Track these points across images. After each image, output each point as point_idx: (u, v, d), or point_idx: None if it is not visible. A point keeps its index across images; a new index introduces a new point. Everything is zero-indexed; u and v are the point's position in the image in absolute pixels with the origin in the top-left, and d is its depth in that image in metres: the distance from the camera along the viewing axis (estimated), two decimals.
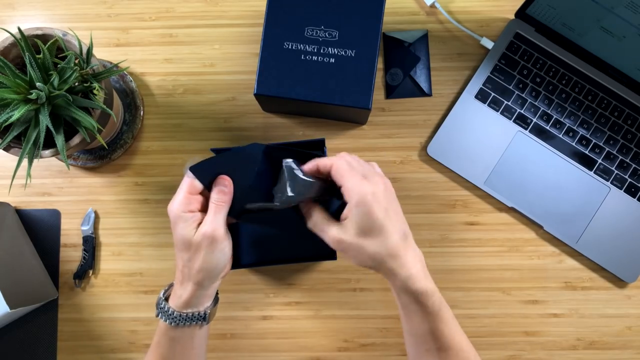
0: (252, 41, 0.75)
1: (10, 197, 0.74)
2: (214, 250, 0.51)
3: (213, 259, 0.52)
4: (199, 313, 0.53)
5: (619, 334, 0.72)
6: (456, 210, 0.73)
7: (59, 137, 0.57)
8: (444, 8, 0.75)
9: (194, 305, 0.53)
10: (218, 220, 0.52)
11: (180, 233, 0.52)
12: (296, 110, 0.73)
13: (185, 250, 0.52)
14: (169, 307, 0.53)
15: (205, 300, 0.54)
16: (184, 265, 0.52)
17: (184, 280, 0.53)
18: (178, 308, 0.53)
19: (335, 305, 0.72)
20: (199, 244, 0.51)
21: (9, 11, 0.77)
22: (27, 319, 0.72)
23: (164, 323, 0.54)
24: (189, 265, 0.52)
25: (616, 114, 0.72)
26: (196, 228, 0.52)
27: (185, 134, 0.75)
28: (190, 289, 0.52)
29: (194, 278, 0.52)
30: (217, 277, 0.53)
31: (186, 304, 0.53)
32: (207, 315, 0.54)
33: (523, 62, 0.73)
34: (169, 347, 0.54)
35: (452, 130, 0.73)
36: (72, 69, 0.56)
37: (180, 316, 0.53)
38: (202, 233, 0.51)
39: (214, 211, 0.52)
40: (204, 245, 0.51)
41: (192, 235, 0.51)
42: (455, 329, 0.53)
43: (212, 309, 0.55)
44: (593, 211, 0.71)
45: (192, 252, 0.52)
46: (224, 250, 0.53)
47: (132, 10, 0.76)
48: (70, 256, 0.73)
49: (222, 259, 0.53)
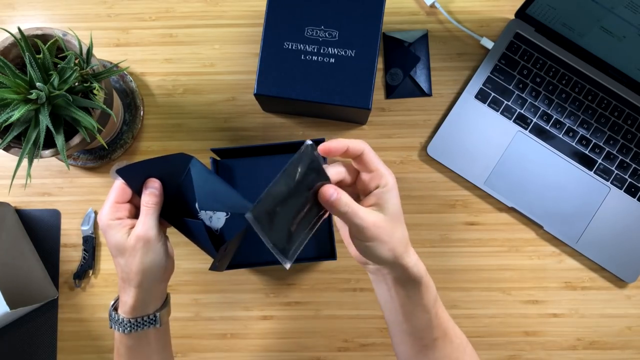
0: (252, 41, 0.75)
1: (10, 197, 0.74)
2: (148, 251, 0.52)
3: (148, 260, 0.52)
4: (148, 317, 0.53)
5: (619, 334, 0.72)
6: (456, 210, 0.73)
7: (59, 137, 0.57)
8: (444, 8, 0.75)
9: (141, 309, 0.53)
10: (149, 221, 0.52)
11: (113, 239, 0.52)
12: (296, 110, 0.73)
13: (120, 255, 0.52)
14: (118, 315, 0.53)
15: (152, 303, 0.54)
16: (122, 270, 0.53)
17: (125, 285, 0.53)
18: (127, 315, 0.53)
19: (335, 305, 0.72)
20: (133, 246, 0.52)
21: (9, 11, 0.77)
22: (27, 319, 0.72)
23: (118, 333, 0.54)
24: (127, 270, 0.52)
25: (616, 114, 0.72)
26: (128, 232, 0.52)
27: (185, 134, 0.75)
28: (132, 293, 0.52)
29: (133, 282, 0.52)
30: (157, 278, 0.53)
31: (133, 309, 0.53)
32: (157, 317, 0.54)
33: (523, 62, 0.73)
34: (128, 356, 0.54)
35: (452, 130, 0.73)
36: (72, 69, 0.56)
37: (130, 322, 0.53)
38: (135, 235, 0.52)
39: (144, 213, 0.53)
40: (138, 247, 0.51)
41: (125, 239, 0.52)
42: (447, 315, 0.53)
43: (163, 311, 0.55)
44: (593, 211, 0.71)
45: (128, 255, 0.52)
46: (159, 251, 0.53)
47: (132, 10, 0.77)
48: (70, 256, 0.73)
49: (157, 260, 0.53)
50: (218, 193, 0.57)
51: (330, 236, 0.66)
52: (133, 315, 0.53)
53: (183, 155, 0.56)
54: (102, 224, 0.53)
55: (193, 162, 0.57)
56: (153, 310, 0.54)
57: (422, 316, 0.52)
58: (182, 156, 0.56)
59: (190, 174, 0.57)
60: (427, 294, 0.51)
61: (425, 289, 0.51)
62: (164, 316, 0.55)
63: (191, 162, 0.57)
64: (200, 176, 0.57)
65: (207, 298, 0.73)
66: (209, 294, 0.73)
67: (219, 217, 0.59)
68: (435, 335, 0.52)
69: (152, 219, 0.53)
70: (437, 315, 0.52)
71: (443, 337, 0.52)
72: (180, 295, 0.73)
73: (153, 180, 0.55)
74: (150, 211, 0.53)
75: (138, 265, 0.52)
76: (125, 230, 0.52)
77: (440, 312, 0.52)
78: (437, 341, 0.52)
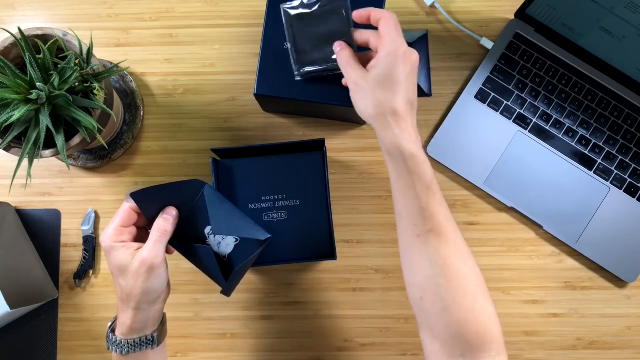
0: (252, 41, 0.75)
1: (10, 197, 0.74)
2: (150, 276, 0.52)
3: (149, 284, 0.53)
4: (146, 337, 0.54)
5: (619, 333, 0.72)
6: (456, 210, 0.73)
7: (59, 137, 0.57)
8: (444, 8, 0.75)
9: (139, 330, 0.54)
10: (157, 248, 0.53)
11: (116, 260, 0.53)
12: (296, 110, 0.73)
13: (122, 276, 0.53)
14: (116, 337, 0.54)
15: (150, 324, 0.54)
16: (122, 291, 0.53)
17: (124, 306, 0.54)
18: (124, 336, 0.54)
19: (335, 305, 0.72)
20: (137, 270, 0.52)
21: (9, 11, 0.77)
22: (27, 319, 0.72)
23: (115, 354, 0.54)
24: (127, 292, 0.53)
25: (616, 114, 0.72)
26: (132, 255, 0.53)
27: (185, 134, 0.75)
28: (130, 314, 0.53)
29: (132, 303, 0.53)
30: (155, 300, 0.54)
31: (131, 330, 0.53)
32: (154, 338, 0.54)
33: (523, 63, 0.73)
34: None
35: (452, 130, 0.73)
36: (73, 69, 0.56)
37: (128, 343, 0.53)
38: (141, 259, 0.52)
39: (155, 239, 0.54)
40: (142, 272, 0.52)
41: (128, 261, 0.53)
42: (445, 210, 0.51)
43: (161, 331, 0.56)
44: (593, 211, 0.71)
45: (129, 277, 0.53)
46: (161, 277, 0.54)
47: (132, 11, 0.77)
48: (71, 256, 0.73)
49: (157, 285, 0.53)
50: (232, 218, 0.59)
51: (330, 236, 0.66)
52: (131, 336, 0.53)
53: (197, 181, 0.58)
54: (105, 245, 0.54)
55: (207, 187, 0.58)
56: (150, 331, 0.55)
57: (411, 201, 0.51)
58: (196, 182, 0.58)
59: (204, 199, 0.58)
60: (415, 177, 0.50)
61: (412, 169, 0.50)
62: (161, 337, 0.56)
63: (205, 187, 0.58)
64: (214, 202, 0.59)
65: (207, 298, 0.73)
66: (209, 294, 0.73)
67: (227, 243, 0.60)
68: (427, 227, 0.50)
69: (160, 246, 0.54)
70: (429, 207, 0.50)
71: (437, 234, 0.50)
72: (180, 295, 0.73)
73: (171, 209, 0.57)
74: (161, 238, 0.54)
75: (139, 288, 0.52)
76: (129, 253, 0.53)
77: (434, 205, 0.50)
78: (430, 234, 0.50)
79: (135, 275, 0.52)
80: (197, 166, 0.74)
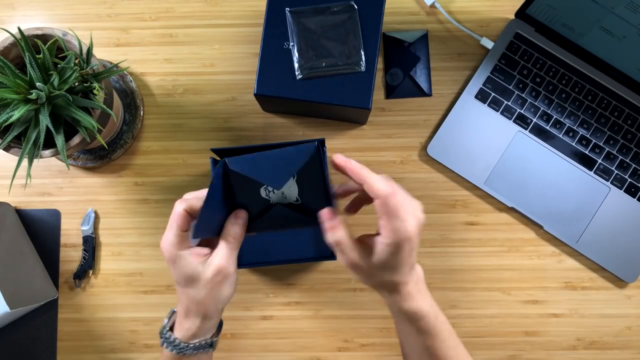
0: (252, 41, 0.75)
1: (10, 197, 0.74)
2: (224, 284, 0.50)
3: (223, 292, 0.50)
4: (205, 342, 0.52)
5: (619, 334, 0.72)
6: (456, 210, 0.73)
7: (59, 137, 0.57)
8: (444, 8, 0.75)
9: (201, 335, 0.52)
10: (232, 255, 0.50)
11: (185, 270, 0.49)
12: (296, 110, 0.73)
13: (191, 285, 0.50)
14: (174, 337, 0.52)
15: (211, 329, 0.53)
16: (191, 300, 0.51)
17: (190, 314, 0.51)
18: (185, 339, 0.52)
19: (335, 305, 0.72)
20: (211, 278, 0.49)
21: (9, 11, 0.77)
22: (27, 319, 0.72)
23: (169, 352, 0.52)
24: (196, 301, 0.50)
25: (616, 114, 0.72)
26: (202, 263, 0.49)
27: (185, 134, 0.75)
28: (198, 322, 0.51)
29: (202, 312, 0.51)
30: (223, 308, 0.53)
31: (194, 335, 0.52)
32: (213, 342, 0.53)
33: (523, 62, 0.73)
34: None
35: (452, 130, 0.73)
36: (72, 69, 0.56)
37: (187, 347, 0.51)
38: (216, 267, 0.49)
39: (228, 245, 0.50)
40: (217, 280, 0.49)
41: (200, 270, 0.49)
42: (451, 344, 0.51)
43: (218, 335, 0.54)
44: (593, 211, 0.71)
45: (201, 286, 0.49)
46: (234, 284, 0.52)
47: (132, 10, 0.76)
48: (70, 256, 0.73)
49: (230, 292, 0.51)
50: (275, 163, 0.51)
51: None
52: (191, 340, 0.52)
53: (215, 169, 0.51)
54: (169, 254, 0.49)
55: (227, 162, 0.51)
56: (210, 335, 0.53)
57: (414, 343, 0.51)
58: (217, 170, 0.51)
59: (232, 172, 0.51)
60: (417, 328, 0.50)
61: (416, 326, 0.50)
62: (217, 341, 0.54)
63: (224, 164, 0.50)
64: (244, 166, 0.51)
65: None
66: None
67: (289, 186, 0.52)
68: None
69: (234, 253, 0.51)
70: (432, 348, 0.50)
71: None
72: None
73: (241, 211, 0.52)
74: (234, 245, 0.50)
75: (213, 297, 0.50)
76: (199, 260, 0.49)
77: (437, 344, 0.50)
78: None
79: (210, 284, 0.49)
80: (197, 166, 0.74)
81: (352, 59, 0.64)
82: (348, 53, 0.64)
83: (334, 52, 0.63)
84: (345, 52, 0.64)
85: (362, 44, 0.64)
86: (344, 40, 0.64)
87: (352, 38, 0.64)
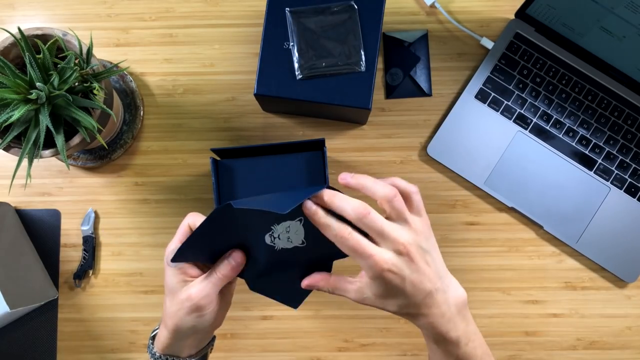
0: (252, 41, 0.75)
1: (10, 197, 0.74)
2: (192, 313, 0.49)
3: (189, 320, 0.49)
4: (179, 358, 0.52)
5: (619, 334, 0.72)
6: (456, 210, 0.73)
7: (59, 137, 0.57)
8: (444, 8, 0.75)
9: (173, 351, 0.51)
10: (209, 290, 0.49)
11: (168, 280, 0.50)
12: (296, 110, 0.73)
13: (169, 297, 0.50)
14: (153, 346, 0.52)
15: (184, 350, 0.52)
16: (164, 311, 0.51)
17: (162, 325, 0.51)
18: (159, 350, 0.52)
19: (335, 305, 0.72)
20: (182, 301, 0.49)
21: (9, 11, 0.77)
22: (27, 319, 0.72)
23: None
24: (167, 313, 0.50)
25: (616, 114, 0.72)
26: (183, 283, 0.49)
27: (185, 134, 0.75)
28: (166, 335, 0.51)
29: (171, 327, 0.50)
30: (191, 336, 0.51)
31: (165, 347, 0.51)
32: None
33: (523, 62, 0.73)
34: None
35: (452, 130, 0.73)
36: (72, 69, 0.56)
37: (160, 357, 0.51)
38: (187, 294, 0.49)
39: (211, 280, 0.49)
40: (185, 306, 0.48)
41: (178, 288, 0.49)
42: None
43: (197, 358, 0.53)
44: (593, 211, 0.71)
45: (174, 303, 0.49)
46: (204, 318, 0.49)
47: (132, 10, 0.76)
48: (70, 256, 0.73)
49: (198, 323, 0.50)
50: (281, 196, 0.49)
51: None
52: (164, 352, 0.51)
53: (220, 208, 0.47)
54: (165, 260, 0.50)
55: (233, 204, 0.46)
56: (185, 355, 0.52)
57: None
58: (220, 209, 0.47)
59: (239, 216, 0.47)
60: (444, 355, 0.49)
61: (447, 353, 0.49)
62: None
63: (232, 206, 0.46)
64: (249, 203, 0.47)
65: None
66: None
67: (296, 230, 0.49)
68: None
69: (213, 288, 0.49)
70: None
71: None
72: None
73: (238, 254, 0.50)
74: (217, 282, 0.49)
75: (178, 318, 0.49)
76: (181, 279, 0.49)
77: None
78: None
79: (179, 305, 0.49)
80: (197, 166, 0.74)
81: (352, 59, 0.64)
82: (348, 53, 0.64)
83: (334, 52, 0.63)
84: (345, 52, 0.64)
85: (362, 44, 0.64)
86: (344, 40, 0.64)
87: (352, 38, 0.64)
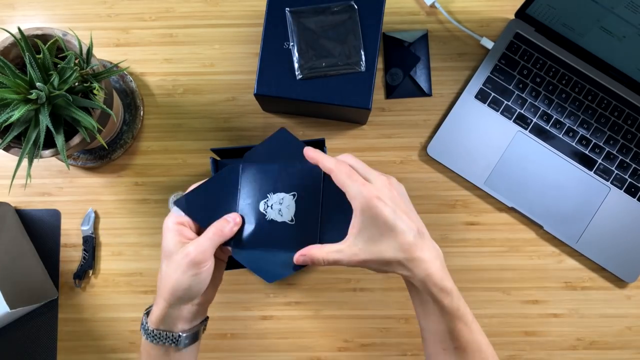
0: (252, 41, 0.75)
1: (10, 197, 0.74)
2: (188, 271, 0.49)
3: (185, 279, 0.49)
4: (172, 334, 0.51)
5: (619, 334, 0.72)
6: (456, 210, 0.73)
7: (59, 137, 0.57)
8: (444, 8, 0.75)
9: (166, 324, 0.51)
10: (206, 245, 0.50)
11: (165, 243, 0.51)
12: (296, 110, 0.73)
13: (166, 261, 0.50)
14: (146, 321, 0.52)
15: (178, 322, 0.51)
16: (160, 277, 0.51)
17: (158, 295, 0.51)
18: (152, 324, 0.51)
19: (335, 305, 0.72)
20: (179, 261, 0.49)
21: (9, 11, 0.77)
22: (27, 319, 0.72)
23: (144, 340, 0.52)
24: (163, 279, 0.50)
25: (616, 114, 0.72)
26: (181, 243, 0.50)
27: (185, 134, 0.75)
28: (161, 305, 0.51)
29: (163, 294, 0.50)
30: (187, 300, 0.51)
31: (159, 321, 0.51)
32: (179, 338, 0.51)
33: (523, 62, 0.73)
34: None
35: (452, 130, 0.73)
36: (72, 69, 0.56)
37: (152, 333, 0.51)
38: (185, 252, 0.49)
39: (206, 235, 0.51)
40: (182, 263, 0.49)
41: (175, 248, 0.50)
42: (474, 329, 0.51)
43: (191, 334, 0.52)
44: (593, 211, 0.71)
45: (171, 263, 0.50)
46: (200, 276, 0.50)
47: (132, 10, 0.76)
48: (70, 256, 0.73)
49: (194, 283, 0.50)
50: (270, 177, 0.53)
51: None
52: (157, 327, 0.51)
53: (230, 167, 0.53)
54: (164, 225, 0.52)
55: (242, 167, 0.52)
56: (178, 330, 0.51)
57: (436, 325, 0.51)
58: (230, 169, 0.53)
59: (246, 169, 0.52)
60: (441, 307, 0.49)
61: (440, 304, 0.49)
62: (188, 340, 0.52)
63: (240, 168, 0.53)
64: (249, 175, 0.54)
65: None
66: None
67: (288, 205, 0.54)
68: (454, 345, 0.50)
69: (210, 243, 0.50)
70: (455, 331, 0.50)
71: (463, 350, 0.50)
72: None
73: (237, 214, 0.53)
74: (213, 237, 0.50)
75: (174, 280, 0.49)
76: (179, 240, 0.50)
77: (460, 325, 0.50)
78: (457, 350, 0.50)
79: (176, 264, 0.49)
80: (197, 166, 0.74)
81: (352, 59, 0.64)
82: (348, 53, 0.64)
83: (334, 52, 0.63)
84: (345, 52, 0.64)
85: (362, 44, 0.64)
86: (344, 40, 0.64)
87: (352, 38, 0.64)
